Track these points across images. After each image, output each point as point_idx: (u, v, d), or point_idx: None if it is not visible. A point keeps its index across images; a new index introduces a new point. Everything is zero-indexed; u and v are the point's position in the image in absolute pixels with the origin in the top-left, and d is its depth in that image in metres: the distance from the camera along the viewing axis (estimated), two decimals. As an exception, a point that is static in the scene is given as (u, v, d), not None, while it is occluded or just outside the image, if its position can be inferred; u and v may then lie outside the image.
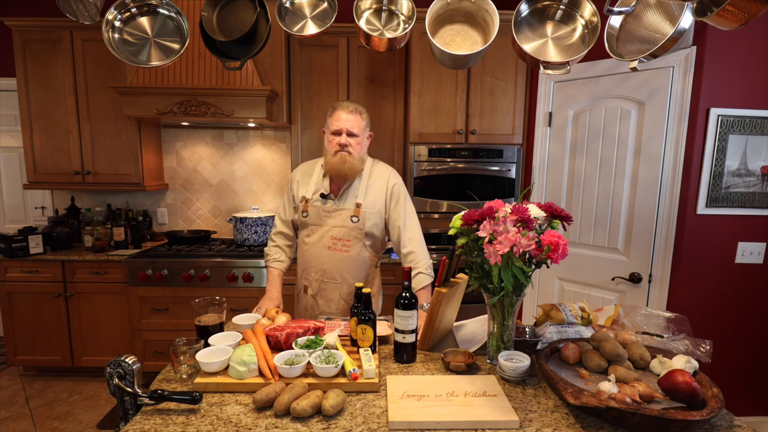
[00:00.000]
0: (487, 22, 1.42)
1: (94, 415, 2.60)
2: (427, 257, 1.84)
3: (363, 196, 1.80)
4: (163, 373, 1.23)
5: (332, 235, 1.79)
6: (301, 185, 1.87)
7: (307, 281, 1.87)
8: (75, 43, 2.87)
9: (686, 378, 1.01)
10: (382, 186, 1.84)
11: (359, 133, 1.75)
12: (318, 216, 1.81)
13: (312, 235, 1.83)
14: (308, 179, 1.87)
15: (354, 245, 1.80)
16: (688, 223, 2.19)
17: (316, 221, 1.81)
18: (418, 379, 1.21)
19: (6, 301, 2.87)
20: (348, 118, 1.73)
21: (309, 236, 1.84)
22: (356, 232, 1.79)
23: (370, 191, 1.82)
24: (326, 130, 1.80)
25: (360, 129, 1.75)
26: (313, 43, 2.91)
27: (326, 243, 1.80)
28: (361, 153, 1.78)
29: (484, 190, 2.83)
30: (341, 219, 1.79)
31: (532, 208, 1.22)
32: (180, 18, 1.41)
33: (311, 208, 1.81)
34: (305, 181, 1.87)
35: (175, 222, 3.46)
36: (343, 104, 1.76)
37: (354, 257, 1.81)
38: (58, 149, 2.99)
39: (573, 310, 1.49)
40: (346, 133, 1.73)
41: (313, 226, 1.82)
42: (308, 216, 1.82)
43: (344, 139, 1.72)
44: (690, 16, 1.10)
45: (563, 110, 2.58)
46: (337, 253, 1.80)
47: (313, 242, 1.82)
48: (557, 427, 1.01)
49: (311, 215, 1.81)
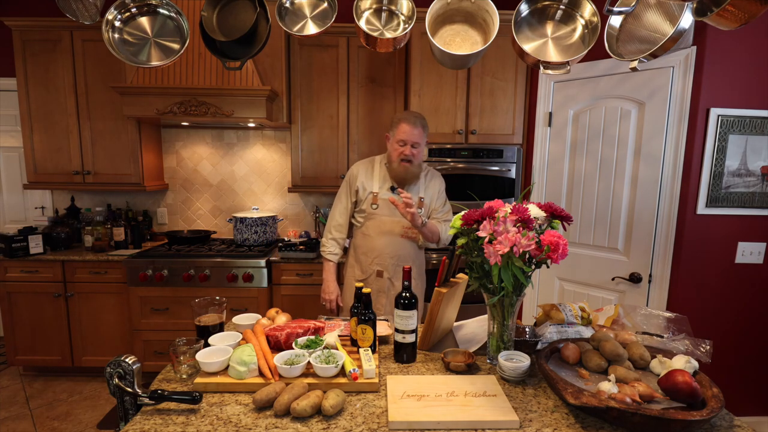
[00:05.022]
0: (487, 22, 1.42)
1: (94, 415, 2.60)
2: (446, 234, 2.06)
3: (424, 192, 2.07)
4: (163, 373, 1.23)
5: (403, 224, 2.03)
6: (366, 181, 2.07)
7: (381, 266, 2.07)
8: (75, 43, 2.87)
9: (686, 378, 1.01)
10: (437, 185, 2.12)
11: (421, 143, 1.97)
12: (389, 208, 2.02)
13: (384, 225, 2.04)
14: (371, 175, 2.08)
15: (418, 234, 2.05)
16: (688, 223, 2.19)
17: (388, 213, 2.03)
18: (418, 379, 1.21)
19: (6, 301, 2.87)
20: (414, 132, 1.93)
21: (380, 226, 2.04)
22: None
23: (428, 189, 2.08)
24: (390, 136, 2.02)
25: (422, 140, 1.97)
26: (313, 43, 2.91)
27: (398, 231, 2.04)
28: (419, 159, 2.01)
29: (484, 190, 2.83)
30: None
31: (532, 208, 1.22)
32: (180, 18, 1.41)
33: (381, 201, 2.03)
34: (369, 177, 2.08)
35: (175, 222, 3.46)
36: (410, 118, 1.96)
37: (418, 244, 2.11)
38: (58, 149, 2.99)
39: (573, 310, 1.49)
40: (411, 145, 1.94)
41: (385, 217, 2.03)
42: (378, 207, 2.03)
43: (409, 150, 1.94)
44: (690, 16, 1.10)
45: (563, 110, 2.58)
46: (408, 241, 2.07)
47: (386, 231, 2.04)
48: (557, 427, 1.01)
49: (382, 207, 2.03)
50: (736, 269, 2.24)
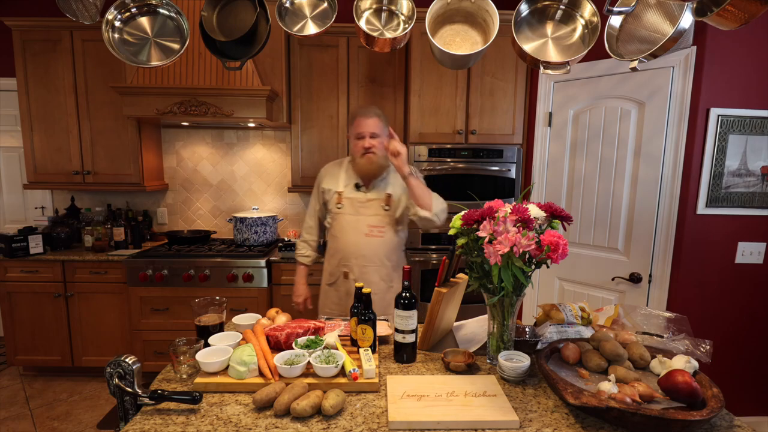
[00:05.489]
0: (487, 22, 1.42)
1: (94, 415, 2.60)
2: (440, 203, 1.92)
3: (392, 188, 1.98)
4: (163, 373, 1.23)
5: (368, 223, 1.96)
6: (331, 181, 2.03)
7: (347, 267, 1.99)
8: (75, 43, 2.87)
9: (686, 378, 1.01)
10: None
11: (380, 133, 1.92)
12: (353, 206, 1.97)
13: (348, 224, 1.97)
14: (337, 175, 2.03)
15: (387, 231, 1.97)
16: (688, 223, 2.19)
17: (352, 212, 1.97)
18: (418, 379, 1.21)
19: (6, 301, 2.87)
20: (368, 122, 1.90)
21: (345, 226, 1.98)
22: (389, 219, 1.97)
23: (398, 183, 1.97)
24: (350, 135, 1.98)
25: (380, 129, 1.92)
26: (313, 43, 2.91)
27: (363, 230, 1.96)
28: (383, 150, 1.93)
29: (484, 190, 2.83)
30: (374, 208, 1.95)
31: (532, 208, 1.22)
32: (180, 18, 1.41)
33: (345, 200, 1.97)
34: (334, 178, 2.03)
35: (175, 222, 3.46)
36: (362, 110, 1.95)
37: (388, 242, 1.99)
38: (58, 149, 2.99)
39: (573, 310, 1.49)
40: (369, 136, 1.90)
41: (349, 216, 1.97)
42: (343, 207, 1.98)
43: (368, 141, 1.89)
44: (690, 16, 1.10)
45: (563, 110, 2.58)
46: (374, 239, 1.97)
47: (351, 230, 1.97)
48: (557, 427, 1.01)
49: (346, 206, 1.97)
50: (736, 269, 2.24)
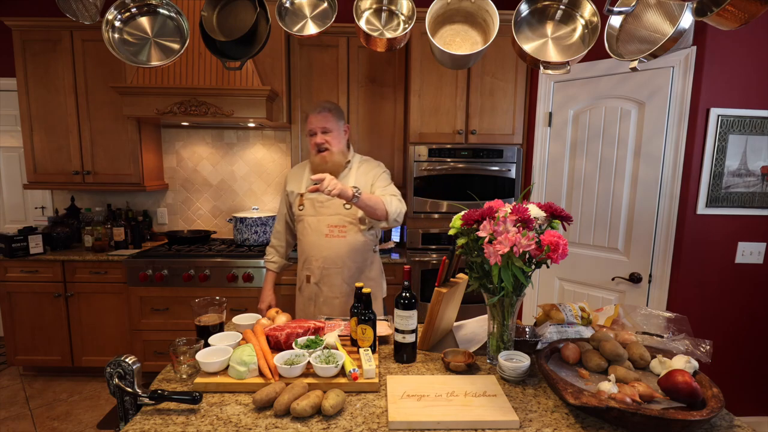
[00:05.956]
0: (487, 22, 1.42)
1: (94, 415, 2.59)
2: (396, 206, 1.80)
3: (354, 183, 1.88)
4: (163, 373, 1.23)
5: (328, 223, 1.89)
6: (294, 183, 2.00)
7: (309, 270, 1.94)
8: (75, 43, 2.87)
9: (686, 378, 1.01)
10: (371, 172, 1.94)
11: (332, 128, 1.86)
12: (313, 207, 1.91)
13: (309, 226, 1.92)
14: (300, 177, 2.00)
15: (350, 231, 1.90)
16: (688, 223, 2.19)
17: (312, 212, 1.91)
18: (418, 379, 1.21)
19: (6, 301, 2.87)
20: (317, 118, 1.85)
21: (307, 228, 1.93)
22: (350, 218, 1.89)
23: (360, 180, 1.91)
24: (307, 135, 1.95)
25: (332, 124, 1.86)
26: (313, 43, 2.91)
27: (323, 231, 1.90)
28: (340, 146, 1.89)
29: (484, 190, 2.83)
30: (335, 208, 1.88)
31: (532, 208, 1.22)
32: (180, 18, 1.41)
33: (306, 201, 1.92)
34: (297, 179, 2.00)
35: (175, 222, 3.46)
36: (313, 107, 1.91)
37: (351, 242, 1.90)
38: (58, 149, 2.99)
39: (573, 310, 1.49)
40: (321, 131, 1.85)
41: (309, 218, 1.92)
42: (304, 209, 1.93)
43: (320, 137, 1.85)
44: (690, 16, 1.10)
45: (563, 110, 2.58)
46: (335, 240, 1.89)
47: (311, 232, 1.91)
48: (557, 427, 1.01)
49: (307, 207, 1.92)
50: (736, 269, 2.24)
